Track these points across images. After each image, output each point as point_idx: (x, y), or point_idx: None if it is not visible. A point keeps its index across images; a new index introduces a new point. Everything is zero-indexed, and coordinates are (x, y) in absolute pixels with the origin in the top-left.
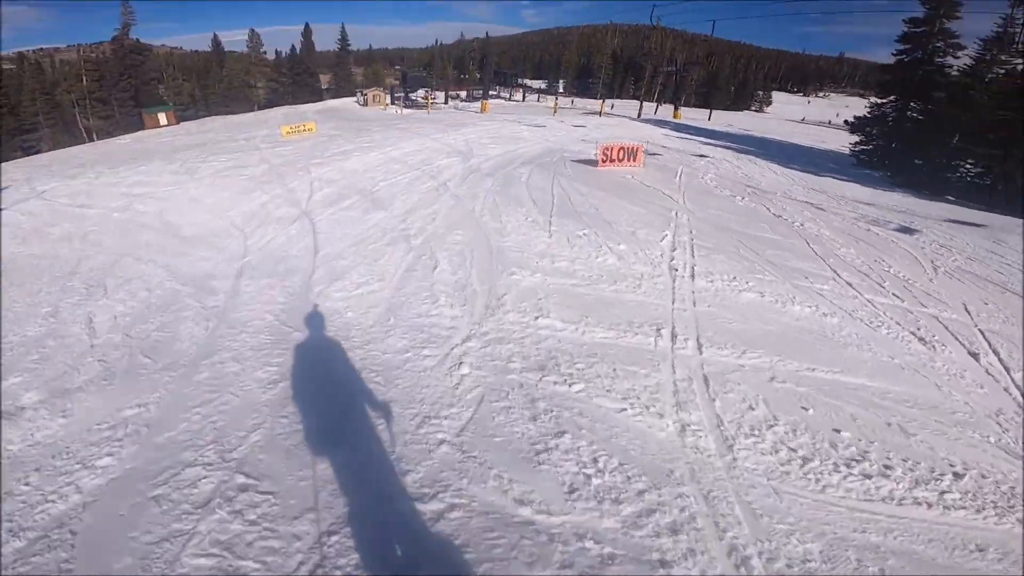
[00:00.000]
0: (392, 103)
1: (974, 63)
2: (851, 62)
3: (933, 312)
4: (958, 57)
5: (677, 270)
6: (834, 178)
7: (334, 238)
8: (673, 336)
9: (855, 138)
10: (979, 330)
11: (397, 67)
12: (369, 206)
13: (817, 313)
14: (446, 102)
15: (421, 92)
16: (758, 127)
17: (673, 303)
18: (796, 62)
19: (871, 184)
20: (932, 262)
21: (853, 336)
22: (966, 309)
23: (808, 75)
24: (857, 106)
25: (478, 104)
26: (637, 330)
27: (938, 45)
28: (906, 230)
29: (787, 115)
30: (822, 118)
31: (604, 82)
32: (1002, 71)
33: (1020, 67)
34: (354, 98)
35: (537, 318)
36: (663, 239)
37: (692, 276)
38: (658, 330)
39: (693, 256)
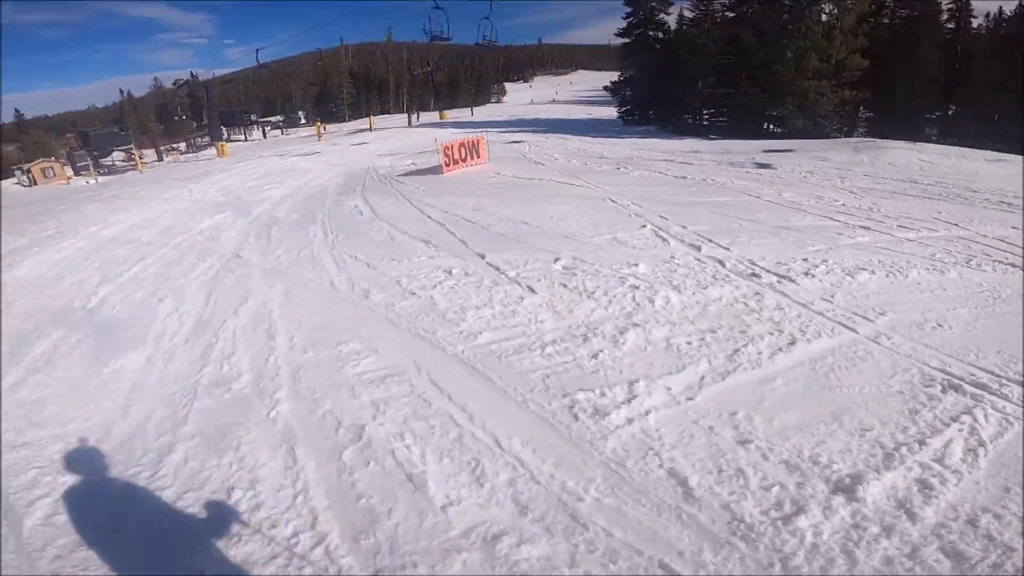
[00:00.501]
0: (78, 174)
1: (687, 16)
2: (548, 47)
3: (969, 234)
4: (670, 13)
5: (759, 276)
6: (633, 138)
7: (38, 463)
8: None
9: (593, 109)
10: None
11: (70, 134)
12: (97, 343)
13: (935, 273)
14: (160, 159)
15: (119, 154)
16: (515, 113)
17: (853, 331)
18: (508, 54)
19: (663, 136)
20: (849, 191)
21: (995, 286)
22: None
23: (521, 64)
24: (565, 83)
25: (209, 151)
26: (940, 407)
27: (652, 4)
28: (764, 166)
29: (521, 100)
30: (546, 98)
31: (348, 102)
32: (717, 20)
33: (728, 15)
34: (13, 180)
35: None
36: (660, 239)
37: (785, 278)
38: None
39: (729, 249)
